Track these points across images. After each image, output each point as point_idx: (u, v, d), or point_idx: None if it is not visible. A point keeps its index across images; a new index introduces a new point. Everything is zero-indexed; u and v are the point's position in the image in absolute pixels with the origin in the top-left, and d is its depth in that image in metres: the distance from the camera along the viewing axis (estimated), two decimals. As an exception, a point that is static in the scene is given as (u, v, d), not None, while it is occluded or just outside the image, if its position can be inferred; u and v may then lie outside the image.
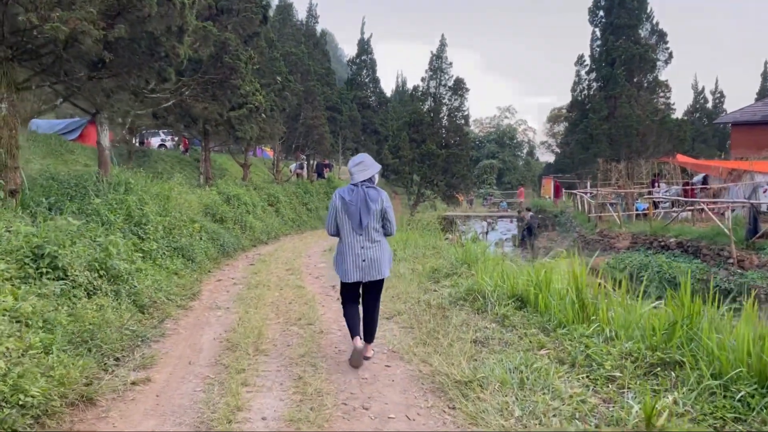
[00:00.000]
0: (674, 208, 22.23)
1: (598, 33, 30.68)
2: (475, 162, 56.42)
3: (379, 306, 5.40)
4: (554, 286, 6.17)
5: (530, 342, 5.13)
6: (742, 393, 3.46)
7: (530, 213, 28.75)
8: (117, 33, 7.12)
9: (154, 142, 33.11)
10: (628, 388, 3.93)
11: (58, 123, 29.29)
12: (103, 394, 4.36)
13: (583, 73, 32.20)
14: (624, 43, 28.46)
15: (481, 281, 6.88)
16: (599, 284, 5.69)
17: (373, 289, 5.28)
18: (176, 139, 33.11)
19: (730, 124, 34.79)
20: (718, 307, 4.75)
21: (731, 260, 15.10)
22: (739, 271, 14.69)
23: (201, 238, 11.95)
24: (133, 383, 4.66)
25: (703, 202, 19.16)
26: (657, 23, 29.96)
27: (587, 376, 4.21)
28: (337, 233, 5.23)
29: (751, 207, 15.88)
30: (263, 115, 21.23)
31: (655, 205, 22.80)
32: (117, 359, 5.12)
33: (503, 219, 33.46)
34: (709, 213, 17.80)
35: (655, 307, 5.08)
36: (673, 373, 4.00)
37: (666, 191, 25.50)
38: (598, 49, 30.56)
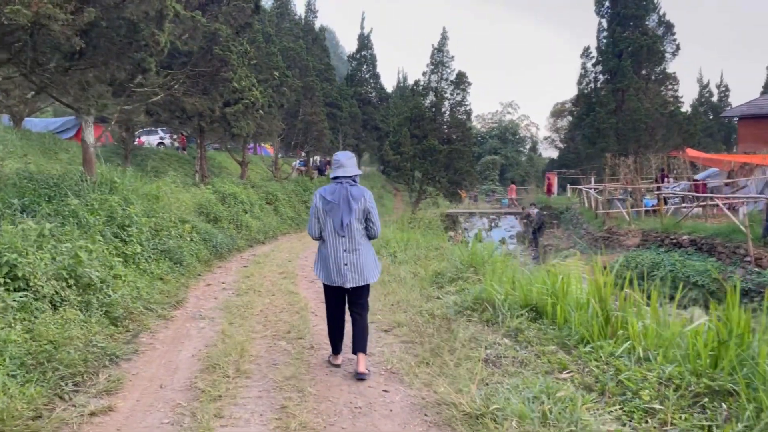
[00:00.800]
0: (683, 204, 21.56)
1: (604, 24, 29.89)
2: (477, 158, 55.70)
3: (367, 312, 4.96)
4: (572, 294, 5.52)
5: (549, 362, 4.47)
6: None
7: (536, 209, 28.08)
8: (87, 17, 6.47)
9: (153, 140, 32.60)
10: (672, 424, 3.28)
11: (53, 122, 28.82)
12: (54, 429, 3.73)
13: (589, 65, 31.46)
14: (632, 34, 27.68)
15: (489, 288, 6.22)
16: (624, 294, 5.03)
17: (359, 295, 4.88)
18: (175, 136, 32.56)
19: (736, 118, 34.13)
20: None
21: (748, 258, 14.41)
22: (756, 269, 14.00)
23: (192, 240, 11.32)
24: (92, 413, 4.03)
25: (718, 198, 18.48)
26: (664, 14, 29.21)
27: (621, 408, 3.56)
28: (320, 236, 4.85)
29: (768, 202, 15.20)
30: (260, 111, 20.60)
31: (665, 200, 22.10)
32: (77, 384, 4.48)
33: (507, 216, 32.79)
34: (724, 209, 17.12)
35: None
36: (724, 404, 3.35)
37: (675, 186, 24.80)
38: (604, 41, 29.78)
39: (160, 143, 32.76)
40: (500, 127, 71.77)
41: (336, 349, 5.02)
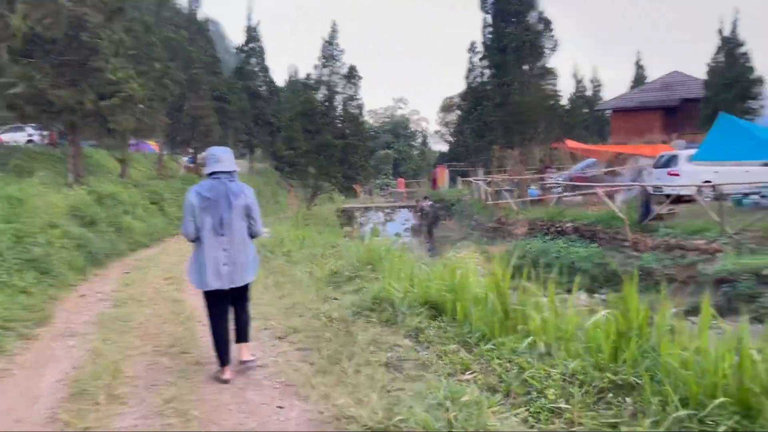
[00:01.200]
0: (565, 193, 22.65)
1: (489, 20, 30.84)
2: (371, 152, 55.96)
3: (249, 307, 4.87)
4: (471, 289, 5.41)
5: (451, 362, 4.30)
6: (724, 428, 2.78)
7: (429, 202, 28.52)
8: None
9: (21, 137, 29.79)
10: (580, 423, 3.18)
11: None
12: None
13: (476, 60, 32.36)
14: (515, 30, 28.75)
15: (388, 287, 6.00)
16: (522, 287, 4.98)
17: (240, 295, 4.72)
18: (45, 133, 29.90)
19: (609, 111, 36.58)
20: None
21: (627, 243, 15.30)
22: (634, 253, 14.87)
23: (63, 246, 10.29)
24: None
25: (597, 187, 19.51)
26: (542, 11, 30.63)
27: (527, 409, 3.43)
28: (197, 236, 4.51)
29: (643, 190, 16.23)
30: (140, 105, 19.31)
31: (548, 190, 23.15)
32: None
33: (401, 209, 33.11)
34: (603, 197, 18.08)
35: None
36: (628, 399, 3.30)
37: (557, 177, 26.06)
38: (490, 36, 30.72)
39: (29, 141, 29.98)
40: (392, 121, 72.55)
41: (223, 360, 4.60)
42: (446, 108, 65.58)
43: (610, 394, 3.37)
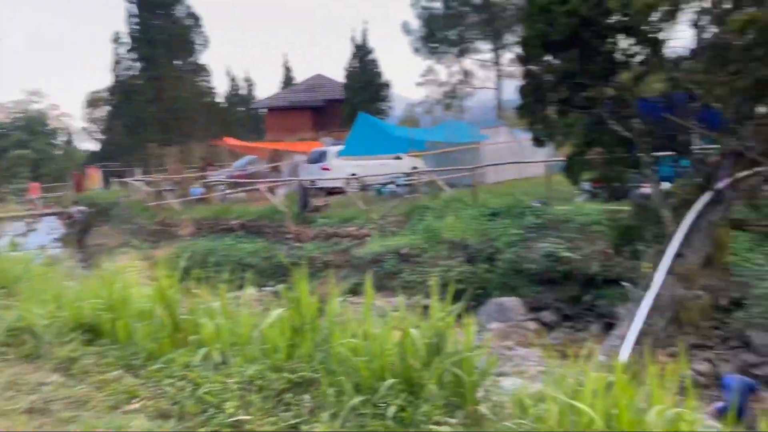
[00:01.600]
0: (228, 191, 22.81)
1: (134, 10, 28.86)
2: (2, 153, 47.78)
3: None
4: (134, 303, 4.85)
5: (114, 392, 3.74)
6: (393, 408, 2.95)
7: (78, 208, 25.64)
8: None
9: None
10: (262, 432, 3.05)
11: None
12: None
13: (122, 51, 29.99)
14: (163, 23, 27.57)
15: (28, 313, 4.99)
16: (192, 292, 4.65)
17: None
18: None
19: (263, 110, 38.11)
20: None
21: (290, 235, 16.07)
22: (297, 244, 15.71)
23: None
24: None
25: (260, 182, 20.06)
26: (189, 6, 30.04)
27: (205, 429, 3.15)
28: None
29: (300, 184, 17.28)
30: None
31: (212, 188, 22.96)
32: None
33: (46, 218, 29.06)
34: (265, 192, 18.66)
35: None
36: (306, 396, 3.29)
37: (219, 174, 26.06)
38: (137, 27, 28.80)
39: None
40: (26, 117, 62.95)
41: None
42: (93, 103, 59.63)
43: (289, 395, 3.31)
